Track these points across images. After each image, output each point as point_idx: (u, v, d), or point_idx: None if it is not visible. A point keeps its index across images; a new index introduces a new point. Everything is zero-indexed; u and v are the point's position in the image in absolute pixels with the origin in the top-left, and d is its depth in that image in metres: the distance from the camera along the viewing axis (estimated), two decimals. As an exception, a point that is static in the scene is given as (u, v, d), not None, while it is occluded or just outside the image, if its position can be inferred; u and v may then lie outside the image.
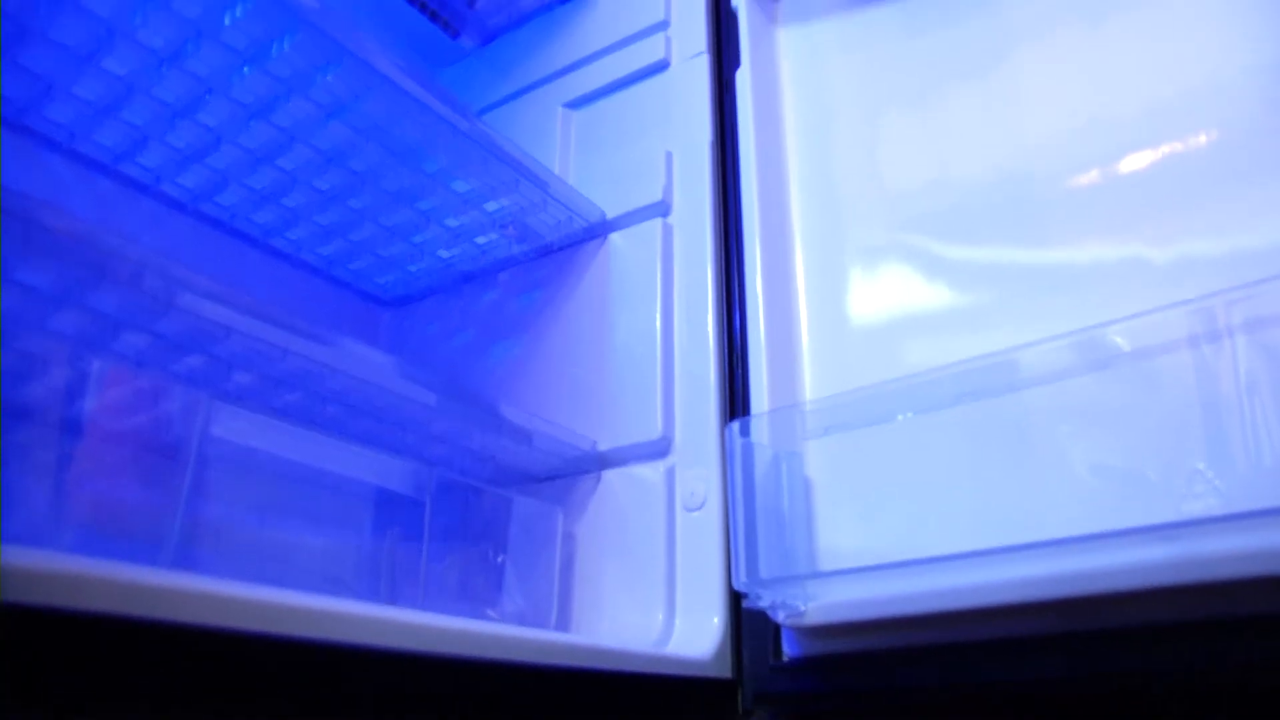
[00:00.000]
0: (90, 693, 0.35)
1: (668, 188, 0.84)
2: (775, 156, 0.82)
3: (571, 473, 0.80)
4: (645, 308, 0.81)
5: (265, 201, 0.81)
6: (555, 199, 0.83)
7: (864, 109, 0.80)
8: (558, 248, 0.89)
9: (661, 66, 0.90)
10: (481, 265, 0.93)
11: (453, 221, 0.85)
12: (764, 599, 0.61)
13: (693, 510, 0.72)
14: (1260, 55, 0.63)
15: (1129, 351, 0.55)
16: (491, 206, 0.83)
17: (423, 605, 0.66)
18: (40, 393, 0.52)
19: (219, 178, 0.77)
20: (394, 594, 0.66)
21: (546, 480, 0.82)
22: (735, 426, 0.65)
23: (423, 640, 0.48)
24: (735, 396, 0.75)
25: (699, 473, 0.74)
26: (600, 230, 0.87)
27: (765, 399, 0.71)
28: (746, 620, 0.68)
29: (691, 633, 0.69)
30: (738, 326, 0.77)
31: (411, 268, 0.93)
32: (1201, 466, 0.52)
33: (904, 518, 0.63)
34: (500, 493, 0.74)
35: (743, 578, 0.61)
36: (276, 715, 0.42)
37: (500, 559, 0.72)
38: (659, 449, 0.76)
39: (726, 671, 0.68)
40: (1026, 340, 0.64)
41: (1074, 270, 0.65)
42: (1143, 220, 0.63)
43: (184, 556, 0.55)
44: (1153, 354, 0.54)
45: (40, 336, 0.55)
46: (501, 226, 0.86)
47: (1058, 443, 0.58)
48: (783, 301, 0.77)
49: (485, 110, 1.03)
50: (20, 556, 0.33)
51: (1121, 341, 0.55)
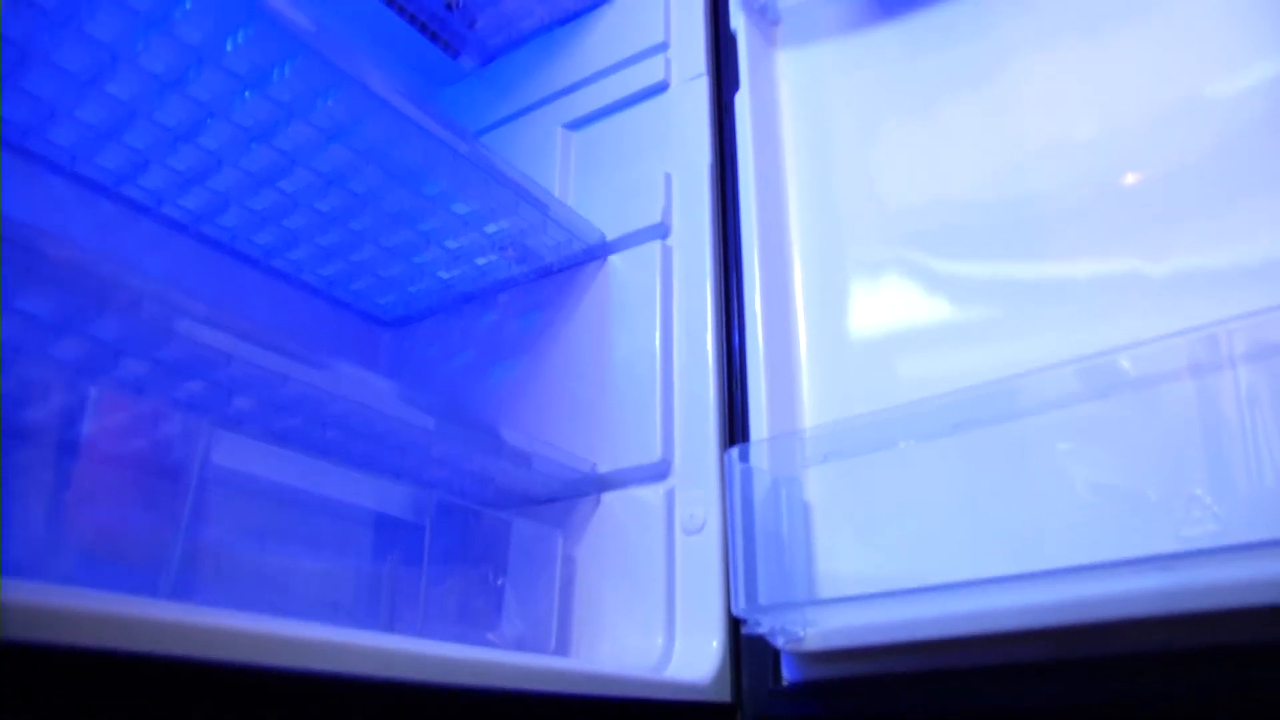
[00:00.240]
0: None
1: (667, 210, 0.84)
2: (774, 179, 0.82)
3: (571, 495, 0.80)
4: (645, 330, 0.81)
5: (266, 223, 0.81)
6: (555, 221, 0.83)
7: (863, 129, 0.80)
8: (557, 269, 0.90)
9: (661, 88, 0.91)
10: (481, 286, 0.93)
11: (453, 243, 0.85)
12: (763, 625, 0.61)
13: (692, 533, 0.72)
14: (1256, 69, 0.63)
15: (1131, 379, 0.55)
16: (491, 228, 0.83)
17: (422, 629, 0.66)
18: (41, 419, 0.53)
19: (220, 199, 0.78)
20: (394, 618, 0.66)
21: (546, 502, 0.82)
22: (735, 452, 0.65)
23: (421, 669, 0.48)
24: (735, 418, 0.75)
25: (698, 495, 0.74)
26: (600, 252, 0.87)
27: (764, 420, 0.71)
28: (746, 644, 0.68)
29: (691, 656, 0.69)
30: (737, 348, 0.77)
31: (412, 288, 0.93)
32: (1200, 492, 0.52)
33: (903, 542, 0.63)
34: (500, 516, 0.74)
35: (742, 604, 0.61)
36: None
37: (500, 582, 0.72)
38: (658, 471, 0.76)
39: (726, 695, 0.68)
40: (1025, 353, 0.65)
41: (1072, 284, 0.65)
42: (1139, 234, 0.64)
43: (184, 582, 0.55)
44: (1154, 381, 0.54)
45: (41, 363, 0.55)
46: (501, 248, 0.86)
47: (1057, 467, 0.58)
48: (782, 323, 0.77)
49: (485, 130, 1.03)
50: (19, 592, 0.33)
51: (1124, 368, 0.55)
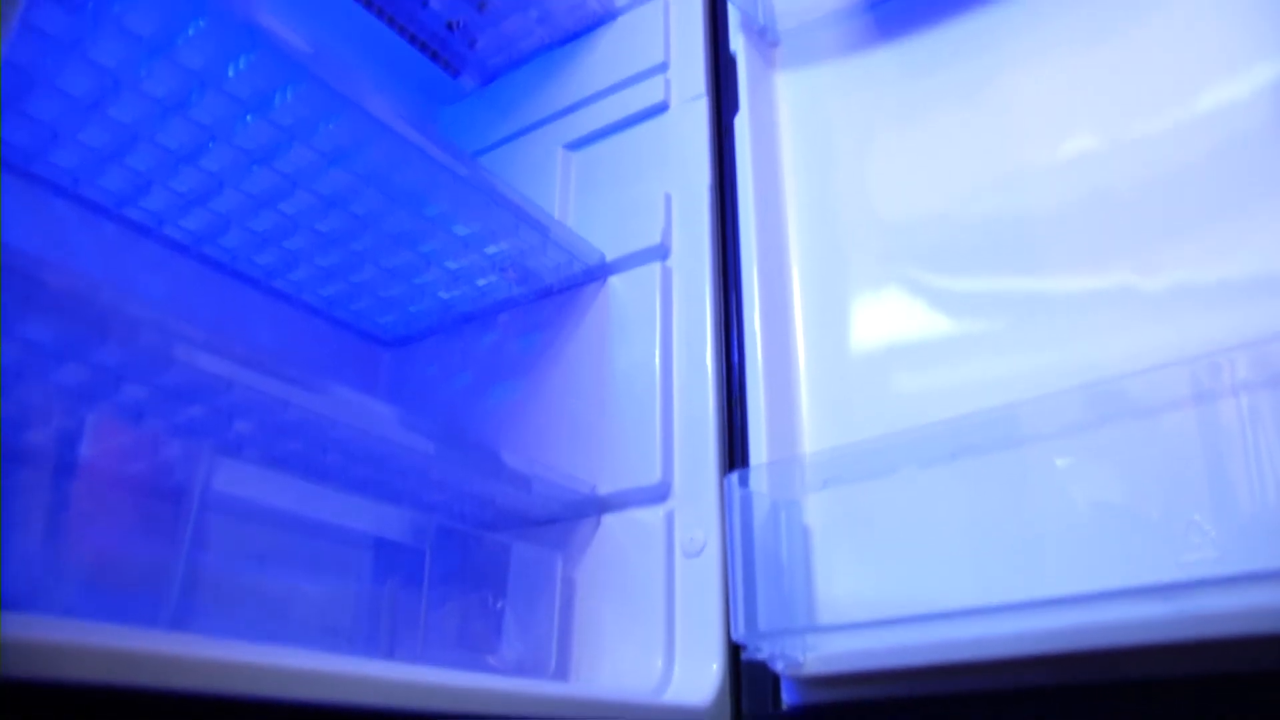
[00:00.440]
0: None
1: (666, 231, 0.85)
2: (774, 200, 0.82)
3: (571, 516, 0.80)
4: (644, 351, 0.81)
5: (267, 244, 0.81)
6: (554, 242, 0.83)
7: (861, 149, 0.81)
8: (558, 290, 0.90)
9: (661, 108, 0.91)
10: (481, 306, 0.93)
11: (453, 264, 0.86)
12: (763, 650, 0.61)
13: (692, 556, 0.72)
14: (1248, 82, 0.63)
15: (1133, 405, 0.55)
16: (491, 249, 0.84)
17: (422, 654, 0.66)
18: (42, 445, 0.53)
19: (221, 221, 0.78)
20: (393, 642, 0.66)
21: (546, 524, 0.81)
22: (734, 478, 0.65)
23: (421, 698, 0.48)
24: (734, 439, 0.75)
25: (698, 517, 0.74)
26: (600, 273, 0.87)
27: (764, 440, 0.72)
28: (746, 668, 0.67)
29: (690, 679, 0.69)
30: (736, 369, 0.77)
31: (412, 308, 0.93)
32: (1199, 518, 0.52)
33: (903, 564, 0.63)
34: (499, 539, 0.74)
35: (741, 630, 0.61)
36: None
37: (500, 605, 0.72)
38: (658, 493, 0.76)
39: (725, 719, 0.68)
40: (1023, 367, 0.65)
41: (1069, 298, 0.66)
42: (1133, 248, 0.64)
43: (184, 607, 0.55)
44: (1156, 408, 0.54)
45: (42, 389, 0.55)
46: (501, 269, 0.86)
47: (1058, 491, 0.58)
48: (781, 343, 0.78)
49: (486, 150, 1.03)
50: (19, 627, 0.33)
51: (1126, 394, 0.56)
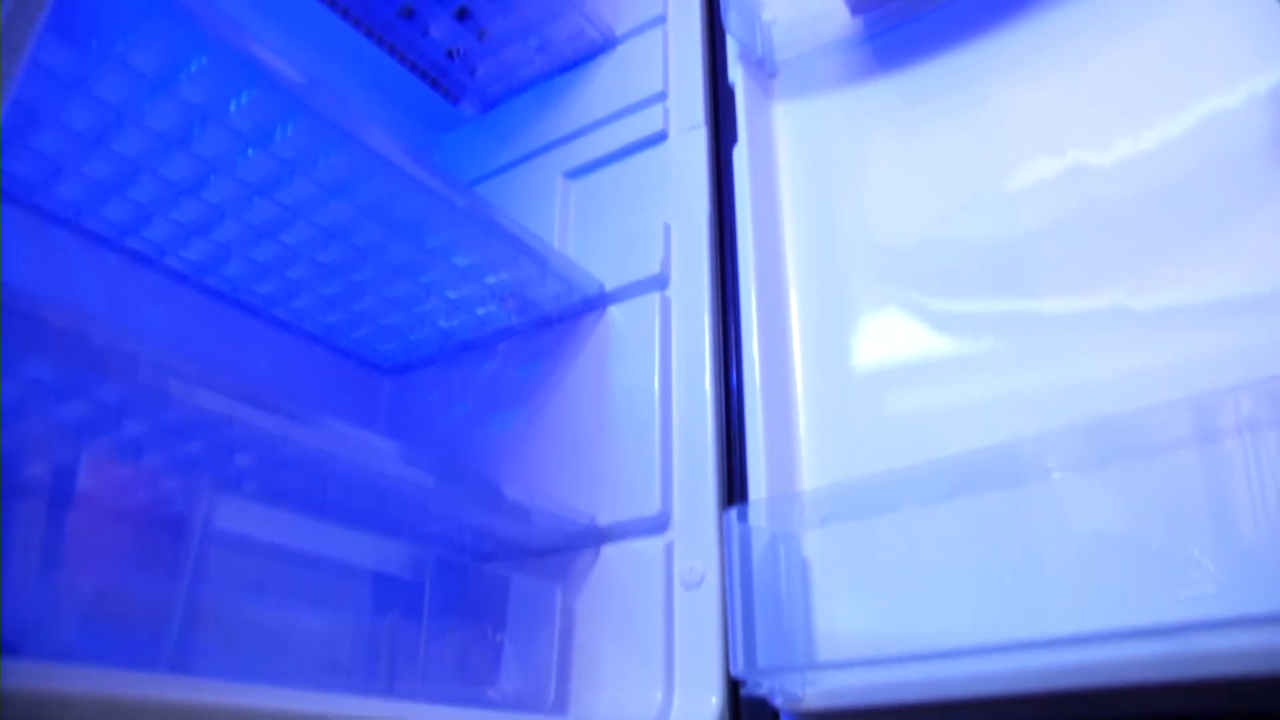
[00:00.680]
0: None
1: (665, 260, 0.85)
2: (772, 231, 0.83)
3: (570, 547, 0.80)
4: (643, 381, 0.81)
5: (267, 274, 0.82)
6: (553, 273, 0.84)
7: (858, 178, 0.81)
8: (557, 319, 0.90)
9: (660, 138, 0.91)
10: (481, 335, 0.94)
11: (453, 293, 0.86)
12: (762, 686, 0.61)
13: (691, 587, 0.72)
14: (1240, 98, 0.64)
15: (1136, 443, 0.55)
16: (491, 279, 0.84)
17: (422, 686, 0.66)
18: (42, 482, 0.53)
19: (222, 251, 0.78)
20: (393, 675, 0.66)
21: (545, 554, 0.81)
22: (733, 514, 0.65)
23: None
24: (734, 469, 0.75)
25: (698, 549, 0.73)
26: (599, 302, 0.87)
27: (763, 471, 0.71)
28: (745, 701, 0.67)
29: (689, 712, 0.68)
30: (735, 400, 0.77)
31: (412, 337, 0.94)
32: (1198, 553, 0.52)
33: (902, 599, 0.63)
34: (498, 571, 0.74)
35: (740, 666, 0.61)
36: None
37: (499, 637, 0.71)
38: (657, 524, 0.76)
39: (725, 753, 0.68)
40: (1018, 388, 0.66)
41: (1063, 319, 0.66)
42: (1125, 269, 0.65)
43: (184, 643, 0.55)
44: (1159, 447, 0.54)
45: (42, 425, 0.55)
46: (501, 299, 0.87)
47: (1058, 527, 0.58)
48: (780, 372, 0.78)
49: (485, 177, 1.04)
50: (20, 676, 0.34)
51: (1129, 431, 0.56)
